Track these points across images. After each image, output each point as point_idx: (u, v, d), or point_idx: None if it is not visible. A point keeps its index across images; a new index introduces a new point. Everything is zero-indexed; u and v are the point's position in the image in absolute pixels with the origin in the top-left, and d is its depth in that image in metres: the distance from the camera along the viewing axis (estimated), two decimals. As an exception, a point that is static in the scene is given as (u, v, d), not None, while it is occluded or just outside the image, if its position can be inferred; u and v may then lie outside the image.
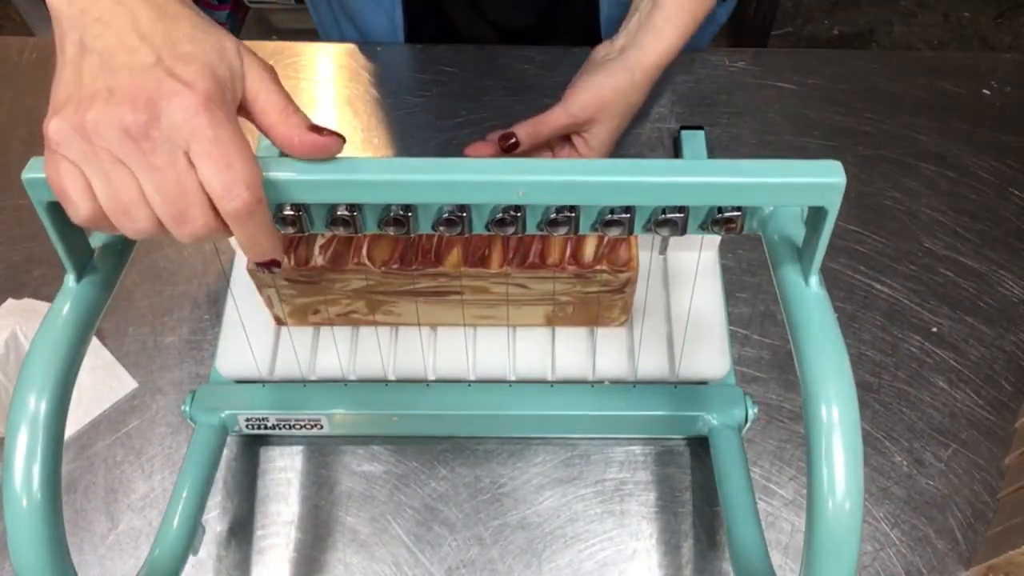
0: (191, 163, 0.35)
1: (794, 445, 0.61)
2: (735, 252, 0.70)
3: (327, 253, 0.55)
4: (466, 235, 0.43)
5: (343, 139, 0.38)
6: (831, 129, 0.77)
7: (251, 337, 0.59)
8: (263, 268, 0.40)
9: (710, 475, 0.59)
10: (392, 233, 0.42)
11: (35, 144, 0.77)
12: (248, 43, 0.39)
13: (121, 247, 0.43)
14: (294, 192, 0.38)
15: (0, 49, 0.84)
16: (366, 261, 0.55)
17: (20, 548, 0.38)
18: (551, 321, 0.60)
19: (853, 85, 0.80)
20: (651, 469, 0.60)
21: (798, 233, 0.42)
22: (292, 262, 0.55)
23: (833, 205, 0.37)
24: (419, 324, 0.61)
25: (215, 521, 0.58)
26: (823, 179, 0.37)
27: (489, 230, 0.42)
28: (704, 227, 0.42)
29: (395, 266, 0.55)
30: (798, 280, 0.41)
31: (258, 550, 0.58)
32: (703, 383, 0.60)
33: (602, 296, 0.57)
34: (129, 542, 0.58)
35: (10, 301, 0.65)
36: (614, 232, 0.42)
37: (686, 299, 0.61)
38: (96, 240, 0.43)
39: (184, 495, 0.52)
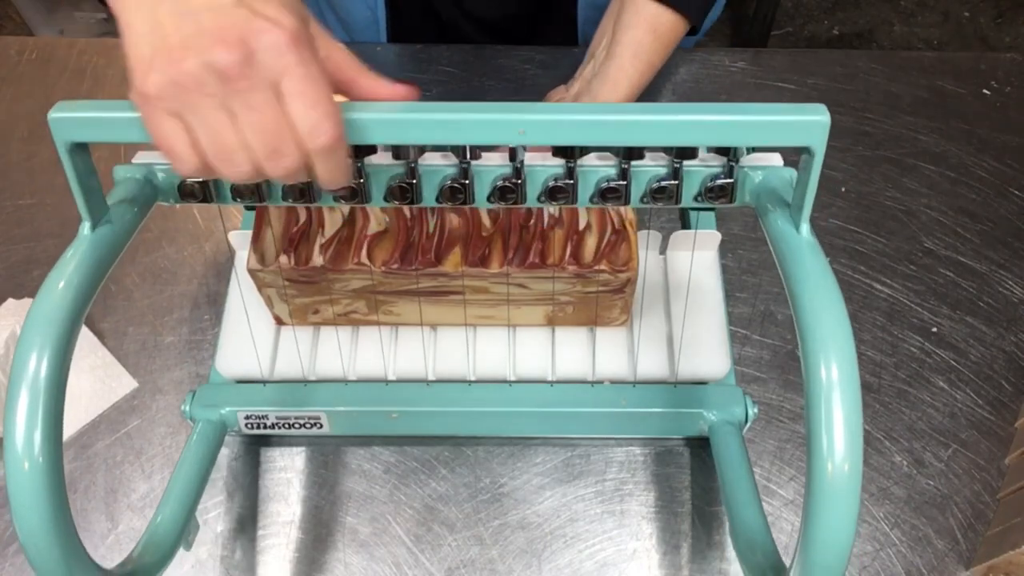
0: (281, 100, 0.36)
1: (794, 445, 0.61)
2: (735, 252, 0.70)
3: (327, 253, 0.55)
4: (468, 205, 0.45)
5: (419, 89, 0.41)
6: (831, 129, 0.77)
7: (251, 337, 0.59)
8: (335, 195, 0.43)
9: (710, 475, 0.59)
10: (397, 203, 0.43)
11: (35, 144, 0.78)
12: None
13: (142, 200, 0.44)
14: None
15: (0, 49, 0.84)
16: (366, 261, 0.55)
17: (22, 509, 0.37)
18: (551, 321, 0.60)
19: (853, 85, 0.80)
20: (651, 469, 0.60)
21: (788, 197, 0.42)
22: (292, 262, 0.55)
23: (820, 145, 0.39)
24: (420, 324, 0.61)
25: (216, 521, 0.58)
26: (808, 117, 0.38)
27: (491, 201, 0.44)
28: (698, 198, 0.44)
29: (395, 266, 0.55)
30: (788, 227, 0.41)
31: (259, 550, 0.58)
32: (703, 383, 0.60)
33: (602, 296, 0.57)
34: (129, 542, 0.58)
35: (10, 301, 0.65)
36: (611, 202, 0.44)
37: (686, 299, 0.61)
38: (112, 198, 0.43)
39: (180, 484, 0.52)
